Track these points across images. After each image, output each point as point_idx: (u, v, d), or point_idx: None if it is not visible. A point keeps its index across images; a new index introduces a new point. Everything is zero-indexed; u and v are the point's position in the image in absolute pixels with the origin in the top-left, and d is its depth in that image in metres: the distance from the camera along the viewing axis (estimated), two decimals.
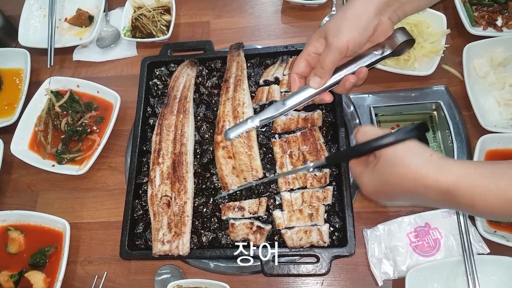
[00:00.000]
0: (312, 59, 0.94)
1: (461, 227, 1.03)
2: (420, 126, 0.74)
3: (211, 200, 1.12)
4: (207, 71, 1.27)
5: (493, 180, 0.67)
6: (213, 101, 1.23)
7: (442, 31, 1.25)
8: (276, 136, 1.14)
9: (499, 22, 1.31)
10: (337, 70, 0.92)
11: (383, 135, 0.74)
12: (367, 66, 0.91)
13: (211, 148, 1.14)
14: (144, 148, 1.20)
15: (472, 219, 1.04)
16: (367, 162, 0.81)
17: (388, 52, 0.90)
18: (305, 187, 1.06)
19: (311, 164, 0.95)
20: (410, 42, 0.90)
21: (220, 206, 1.08)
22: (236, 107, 1.12)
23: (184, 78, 1.24)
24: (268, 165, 1.12)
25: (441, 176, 0.69)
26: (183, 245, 1.03)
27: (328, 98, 0.96)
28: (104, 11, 1.51)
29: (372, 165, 0.78)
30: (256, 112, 1.17)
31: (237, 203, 1.05)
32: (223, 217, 1.05)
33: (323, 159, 0.92)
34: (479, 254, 1.00)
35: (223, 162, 1.08)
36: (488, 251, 1.01)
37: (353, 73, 0.91)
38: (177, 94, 1.22)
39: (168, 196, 1.08)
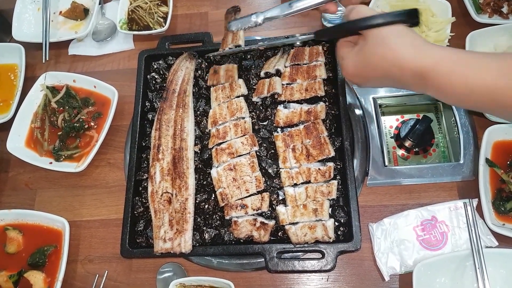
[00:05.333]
0: None
1: (469, 220, 1.01)
2: (411, 12, 0.75)
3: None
4: (206, 63, 1.24)
5: (462, 67, 0.68)
6: None
7: (447, 19, 1.22)
8: (279, 130, 1.11)
9: (504, 9, 1.28)
10: None
11: (372, 15, 0.75)
12: None
13: None
14: (143, 144, 1.18)
15: (479, 212, 1.02)
16: (354, 44, 0.82)
17: None
18: (309, 182, 1.03)
19: (300, 37, 0.97)
20: None
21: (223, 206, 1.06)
22: (234, 112, 1.12)
23: (183, 71, 1.21)
24: (270, 160, 1.09)
25: (418, 59, 0.71)
26: (185, 243, 1.01)
27: (332, 8, 0.94)
28: (99, 4, 1.48)
29: (359, 46, 0.79)
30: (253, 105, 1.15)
31: (239, 201, 1.03)
32: (227, 217, 1.03)
33: (311, 33, 0.92)
34: (487, 247, 0.99)
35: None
36: (497, 244, 0.99)
37: None
38: (176, 88, 1.19)
39: (169, 192, 1.06)
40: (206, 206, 1.07)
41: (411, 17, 0.74)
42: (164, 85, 1.22)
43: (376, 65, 0.75)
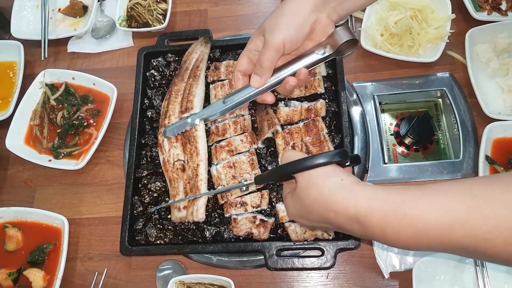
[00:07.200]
0: (253, 56, 0.93)
1: None
2: (340, 153, 0.71)
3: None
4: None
5: (403, 207, 0.60)
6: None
7: (446, 16, 1.21)
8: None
9: (503, 6, 1.27)
10: (279, 69, 0.91)
11: (301, 158, 0.72)
12: (308, 66, 0.90)
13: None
14: (143, 141, 1.17)
15: None
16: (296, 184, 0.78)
17: (329, 52, 0.88)
18: None
19: (245, 182, 0.94)
20: (353, 42, 0.87)
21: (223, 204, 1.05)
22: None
23: (198, 54, 1.20)
24: (269, 158, 1.09)
25: (349, 201, 0.65)
26: (197, 211, 1.00)
27: (270, 99, 0.95)
28: (98, 1, 1.47)
29: (294, 188, 0.76)
30: None
31: (238, 199, 1.03)
32: (226, 215, 1.03)
33: (252, 180, 0.88)
34: None
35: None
36: None
37: (294, 74, 0.90)
38: (189, 66, 1.19)
39: (181, 160, 1.06)
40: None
41: (340, 157, 0.70)
42: (163, 82, 1.22)
43: (311, 208, 0.70)
